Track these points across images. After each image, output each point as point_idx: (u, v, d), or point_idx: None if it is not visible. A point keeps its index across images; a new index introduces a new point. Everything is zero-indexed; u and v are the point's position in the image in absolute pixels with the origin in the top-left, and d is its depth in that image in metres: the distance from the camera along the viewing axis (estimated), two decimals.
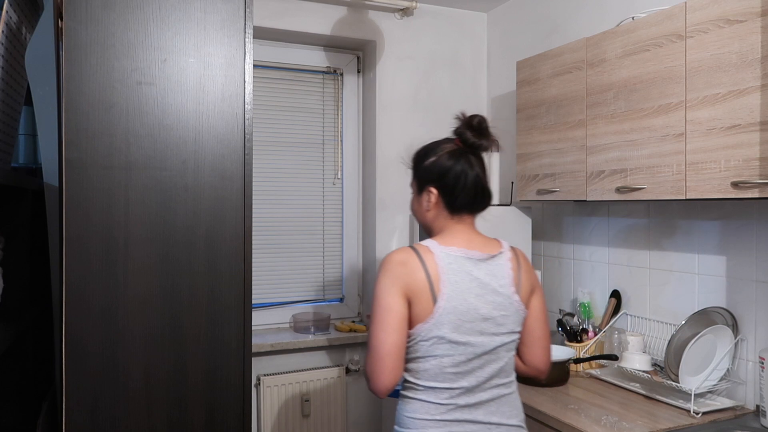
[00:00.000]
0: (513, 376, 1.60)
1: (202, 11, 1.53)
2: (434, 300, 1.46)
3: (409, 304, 1.47)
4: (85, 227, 1.42)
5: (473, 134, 1.54)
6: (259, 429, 2.87)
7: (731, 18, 1.69)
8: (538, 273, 2.76)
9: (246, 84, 1.57)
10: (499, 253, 1.56)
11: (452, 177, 1.55)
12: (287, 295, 3.16)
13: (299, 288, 3.18)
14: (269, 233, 3.09)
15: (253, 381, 2.87)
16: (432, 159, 1.58)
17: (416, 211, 1.67)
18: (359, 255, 3.28)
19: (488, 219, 1.66)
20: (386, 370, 1.45)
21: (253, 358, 1.69)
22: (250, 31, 1.57)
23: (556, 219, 2.84)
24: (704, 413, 1.90)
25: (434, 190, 1.57)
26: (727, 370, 2.02)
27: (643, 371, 2.14)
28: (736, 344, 2.01)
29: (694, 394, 1.91)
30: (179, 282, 1.51)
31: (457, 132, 1.57)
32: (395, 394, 1.58)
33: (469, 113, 1.57)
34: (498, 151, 1.71)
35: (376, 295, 1.49)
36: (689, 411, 1.90)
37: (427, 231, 1.64)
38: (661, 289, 2.32)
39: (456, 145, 1.57)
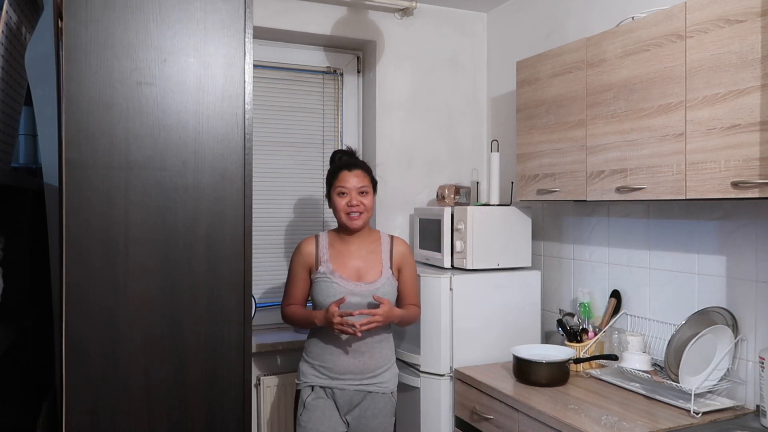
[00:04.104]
0: None
1: (202, 11, 1.53)
2: None
3: None
4: (85, 227, 1.42)
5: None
6: (259, 429, 2.87)
7: (731, 18, 1.69)
8: (538, 272, 2.77)
9: (246, 84, 1.57)
10: None
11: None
12: None
13: None
14: (269, 233, 3.09)
15: (253, 381, 2.87)
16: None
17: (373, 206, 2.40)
18: None
19: (489, 219, 1.70)
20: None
21: (253, 358, 1.69)
22: (250, 31, 1.57)
23: (556, 219, 2.84)
24: (704, 413, 1.90)
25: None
26: (727, 370, 2.02)
27: (643, 371, 2.14)
28: (736, 344, 2.01)
29: (694, 394, 1.91)
30: (179, 282, 1.51)
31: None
32: None
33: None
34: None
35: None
36: (689, 411, 1.90)
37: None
38: (661, 289, 2.32)
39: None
